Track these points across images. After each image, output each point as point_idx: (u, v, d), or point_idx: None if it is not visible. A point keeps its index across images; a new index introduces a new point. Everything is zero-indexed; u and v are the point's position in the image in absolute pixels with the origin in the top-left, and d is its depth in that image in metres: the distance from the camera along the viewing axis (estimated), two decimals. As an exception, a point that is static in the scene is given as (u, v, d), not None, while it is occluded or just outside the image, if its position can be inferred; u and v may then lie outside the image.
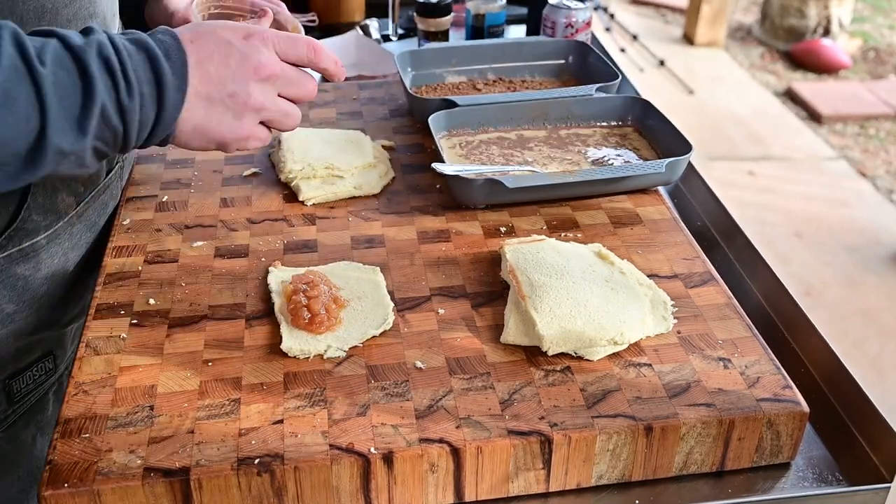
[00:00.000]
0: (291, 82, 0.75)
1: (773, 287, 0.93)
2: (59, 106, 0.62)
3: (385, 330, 0.79)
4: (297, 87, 0.76)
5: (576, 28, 1.38)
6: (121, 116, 0.66)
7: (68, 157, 0.64)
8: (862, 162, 3.64)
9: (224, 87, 0.71)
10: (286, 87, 0.75)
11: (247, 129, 0.74)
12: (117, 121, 0.66)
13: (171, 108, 0.69)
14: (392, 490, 0.68)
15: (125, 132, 0.67)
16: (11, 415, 0.88)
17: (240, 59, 0.71)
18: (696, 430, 0.70)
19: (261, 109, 0.74)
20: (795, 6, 4.67)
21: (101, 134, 0.66)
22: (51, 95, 0.61)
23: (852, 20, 4.86)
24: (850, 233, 3.15)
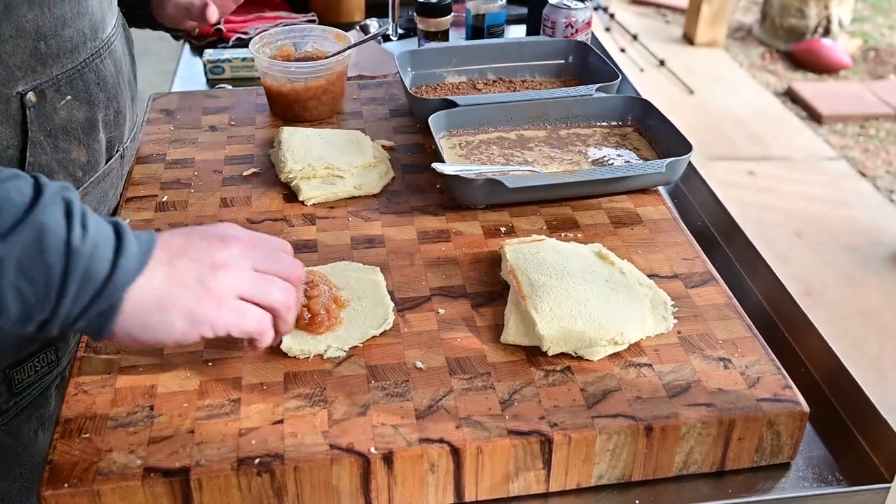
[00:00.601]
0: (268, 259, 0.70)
1: (773, 287, 0.93)
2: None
3: (385, 330, 0.79)
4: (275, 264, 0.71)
5: (576, 28, 1.38)
6: (66, 256, 0.59)
7: None
8: (862, 162, 3.64)
9: (195, 254, 0.67)
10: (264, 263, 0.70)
11: (222, 298, 0.67)
12: (58, 258, 0.59)
13: (126, 270, 0.62)
14: (392, 490, 0.68)
15: (64, 279, 0.59)
16: (13, 407, 0.88)
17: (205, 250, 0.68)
18: (696, 430, 0.70)
19: (237, 282, 0.68)
20: (795, 6, 4.67)
21: (30, 268, 0.58)
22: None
23: (852, 20, 4.86)
24: (850, 233, 3.15)
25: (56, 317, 0.61)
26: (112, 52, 0.93)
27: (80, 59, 0.86)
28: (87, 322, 0.62)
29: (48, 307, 0.60)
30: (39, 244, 0.58)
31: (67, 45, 0.84)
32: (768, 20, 4.83)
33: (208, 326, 0.66)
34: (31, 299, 0.59)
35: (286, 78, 1.18)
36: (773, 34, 4.80)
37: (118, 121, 0.96)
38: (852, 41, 4.76)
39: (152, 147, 1.12)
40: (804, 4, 4.64)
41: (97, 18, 0.89)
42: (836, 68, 4.42)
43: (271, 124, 1.20)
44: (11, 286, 0.58)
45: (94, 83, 0.89)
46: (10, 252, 0.57)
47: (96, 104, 0.90)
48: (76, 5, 0.84)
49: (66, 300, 0.60)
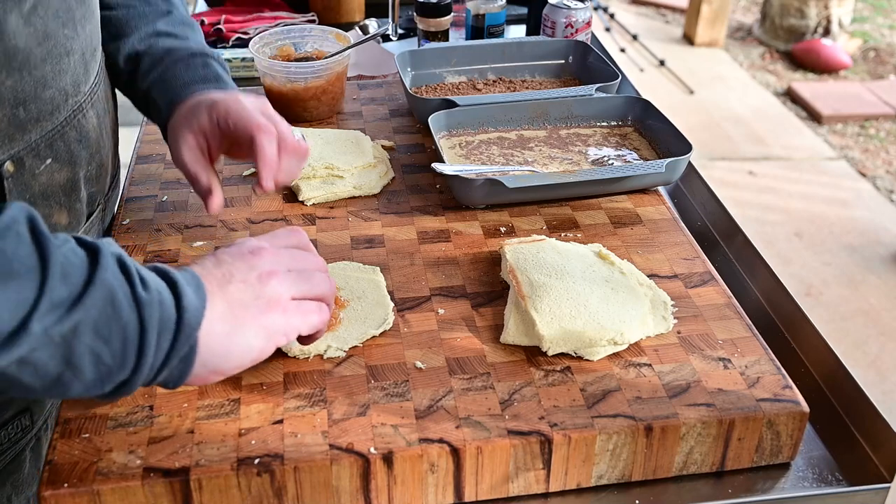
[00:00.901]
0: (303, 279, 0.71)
1: (773, 287, 0.93)
2: (60, 281, 0.55)
3: (385, 330, 0.79)
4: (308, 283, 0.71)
5: (576, 28, 1.38)
6: (138, 310, 0.59)
7: (51, 343, 0.55)
8: (862, 162, 3.64)
9: (239, 275, 0.67)
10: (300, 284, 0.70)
11: (283, 304, 0.68)
12: (131, 313, 0.58)
13: (193, 309, 0.62)
14: (392, 490, 0.68)
15: (141, 333, 0.59)
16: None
17: (247, 267, 0.68)
18: (696, 430, 0.70)
19: (286, 285, 0.69)
20: (795, 6, 4.67)
21: (106, 329, 0.58)
22: (56, 268, 0.55)
23: (852, 20, 4.86)
24: (850, 233, 3.15)
25: (138, 374, 0.60)
26: (94, 104, 0.86)
27: (62, 118, 0.79)
28: (168, 371, 0.62)
29: (128, 366, 0.59)
30: (112, 303, 0.58)
31: (48, 106, 0.77)
32: (768, 20, 4.83)
33: (282, 334, 0.68)
34: (109, 361, 0.58)
35: (286, 78, 1.18)
36: (773, 34, 4.80)
37: (100, 174, 0.89)
38: (852, 41, 4.76)
39: (152, 147, 1.12)
40: (804, 4, 4.64)
41: (80, 72, 0.81)
42: (836, 68, 4.43)
43: (271, 124, 1.20)
44: (89, 351, 0.57)
45: (75, 141, 0.82)
46: (87, 315, 0.56)
47: (78, 163, 0.83)
48: (58, 63, 0.77)
49: (147, 354, 0.60)
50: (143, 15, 0.95)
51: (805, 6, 4.64)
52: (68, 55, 0.78)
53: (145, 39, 0.94)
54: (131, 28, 0.94)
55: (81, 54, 0.81)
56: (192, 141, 0.85)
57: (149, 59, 0.93)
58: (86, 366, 0.58)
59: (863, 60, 4.61)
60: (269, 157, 0.82)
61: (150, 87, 0.92)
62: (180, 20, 0.97)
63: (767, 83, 4.39)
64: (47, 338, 0.55)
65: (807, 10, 4.64)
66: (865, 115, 3.98)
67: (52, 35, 0.75)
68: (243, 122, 0.82)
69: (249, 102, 0.84)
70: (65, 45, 0.78)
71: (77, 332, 0.56)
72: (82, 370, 0.58)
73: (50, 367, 0.57)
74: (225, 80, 0.93)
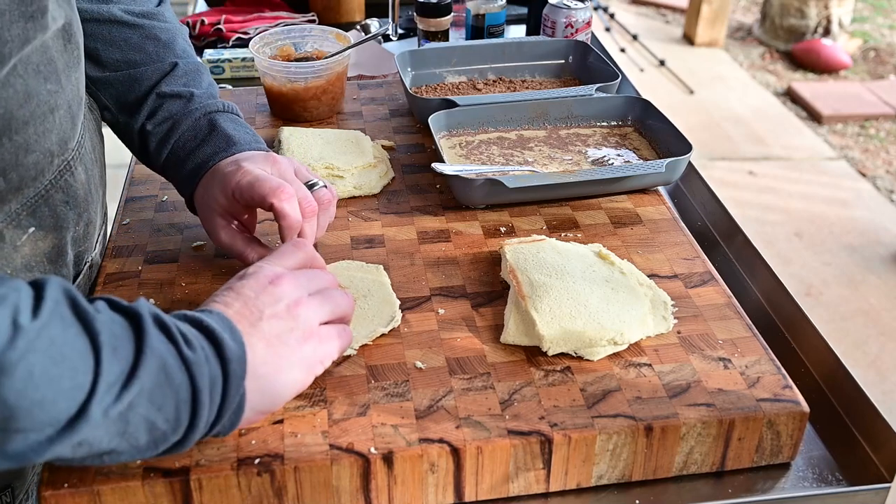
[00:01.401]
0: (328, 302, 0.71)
1: (773, 287, 0.93)
2: (112, 358, 0.54)
3: (394, 327, 0.79)
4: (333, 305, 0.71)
5: (576, 28, 1.38)
6: (188, 372, 0.58)
7: (109, 422, 0.55)
8: (862, 162, 3.64)
9: (268, 309, 0.66)
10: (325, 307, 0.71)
11: (316, 332, 0.68)
12: (182, 377, 0.58)
13: (235, 358, 0.62)
14: (392, 490, 0.68)
15: (194, 395, 0.58)
16: None
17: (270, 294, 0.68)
18: (696, 430, 0.70)
19: (314, 311, 0.69)
20: (795, 6, 4.67)
21: (159, 397, 0.57)
22: (107, 346, 0.54)
23: (852, 20, 4.86)
24: (850, 233, 3.15)
25: (193, 433, 0.60)
26: (82, 157, 0.80)
27: (45, 182, 0.73)
28: (221, 425, 0.63)
29: (182, 427, 0.59)
30: (164, 370, 0.57)
31: (31, 172, 0.70)
32: (768, 20, 4.83)
33: (319, 364, 0.69)
34: (163, 426, 0.58)
35: (286, 78, 1.18)
36: (773, 34, 4.80)
37: (88, 232, 0.83)
38: (852, 41, 4.76)
39: (152, 147, 1.12)
40: (804, 4, 4.64)
41: (66, 127, 0.74)
42: (836, 68, 4.43)
43: (271, 124, 1.20)
44: (143, 420, 0.57)
45: (61, 203, 0.75)
46: (143, 387, 0.56)
47: (64, 226, 0.77)
48: (42, 122, 0.70)
49: (202, 414, 0.59)
50: (146, 76, 0.89)
51: (805, 6, 4.64)
52: (53, 112, 0.72)
53: (152, 114, 0.88)
54: (135, 94, 0.89)
55: (68, 108, 0.74)
56: (221, 222, 0.83)
57: (156, 136, 0.88)
58: (140, 435, 0.57)
59: (863, 60, 4.61)
60: (291, 221, 0.78)
61: (164, 166, 0.89)
62: (185, 70, 0.91)
63: (767, 83, 4.39)
64: (105, 418, 0.54)
65: (807, 10, 4.64)
66: (865, 115, 3.98)
67: (35, 94, 0.68)
68: (257, 193, 0.78)
69: (257, 167, 0.81)
70: (49, 103, 0.71)
71: (133, 406, 0.56)
72: (136, 439, 0.58)
73: (104, 442, 0.56)
74: (235, 138, 0.86)
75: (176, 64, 0.90)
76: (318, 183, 0.84)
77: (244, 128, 0.90)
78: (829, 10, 4.64)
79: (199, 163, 0.85)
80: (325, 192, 0.84)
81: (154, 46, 0.90)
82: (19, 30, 0.65)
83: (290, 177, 0.82)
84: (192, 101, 0.89)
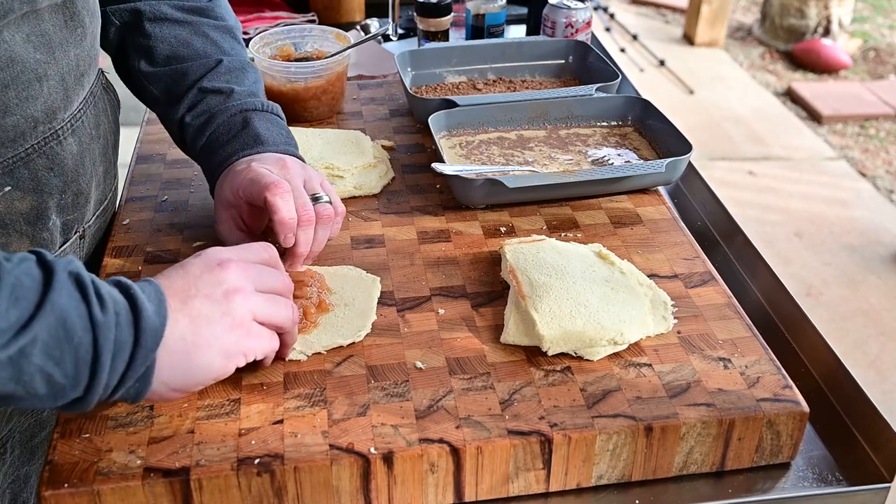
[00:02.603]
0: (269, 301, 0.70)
1: (773, 287, 0.93)
2: (10, 306, 0.55)
3: (354, 342, 0.78)
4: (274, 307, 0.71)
5: (576, 28, 1.38)
6: (92, 332, 0.59)
7: (3, 369, 0.56)
8: (862, 162, 3.64)
9: (204, 289, 0.67)
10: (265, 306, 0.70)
11: (246, 325, 0.68)
12: (85, 335, 0.58)
13: (151, 328, 0.62)
14: (392, 490, 0.68)
15: (95, 356, 0.59)
16: None
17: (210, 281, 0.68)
18: (696, 430, 0.70)
19: (249, 304, 0.68)
20: (795, 6, 4.67)
21: (56, 351, 0.57)
22: (5, 294, 0.55)
23: (852, 20, 4.86)
24: (850, 233, 3.15)
25: (92, 392, 0.60)
26: (77, 130, 0.82)
27: (27, 146, 0.76)
28: (125, 390, 0.63)
29: (81, 385, 0.60)
30: (63, 326, 0.57)
31: (9, 133, 0.73)
32: (768, 20, 4.83)
33: (241, 356, 0.68)
34: (62, 381, 0.59)
35: (286, 78, 1.18)
36: (773, 34, 4.80)
37: (78, 202, 0.84)
38: (852, 41, 4.76)
39: (152, 147, 1.12)
40: (804, 4, 4.64)
41: (56, 98, 0.77)
42: (836, 68, 4.43)
43: (271, 124, 1.20)
44: (39, 371, 0.57)
45: (44, 169, 0.78)
46: (35, 338, 0.56)
47: (46, 191, 0.79)
48: (24, 89, 0.73)
49: (101, 375, 0.60)
50: (192, 71, 0.91)
51: (805, 6, 4.64)
52: (40, 81, 0.74)
53: (192, 107, 0.90)
54: (180, 88, 0.91)
55: (60, 80, 0.77)
56: (225, 215, 0.86)
57: (193, 129, 0.90)
58: (37, 384, 0.58)
59: (863, 60, 4.61)
60: (283, 216, 0.79)
61: (199, 157, 0.91)
62: (229, 67, 0.92)
63: (767, 83, 4.39)
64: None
65: (807, 10, 4.64)
66: (865, 115, 3.98)
67: (20, 60, 0.72)
68: (257, 188, 0.80)
69: (263, 167, 0.82)
70: (35, 71, 0.74)
71: (25, 354, 0.56)
72: (34, 388, 0.58)
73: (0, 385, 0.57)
74: (263, 137, 0.88)
75: (220, 61, 0.92)
76: (322, 197, 0.84)
77: (279, 128, 0.91)
78: (829, 10, 4.64)
79: (224, 157, 0.88)
80: (326, 207, 0.84)
81: (202, 43, 0.92)
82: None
83: (296, 182, 0.83)
84: (230, 98, 0.91)
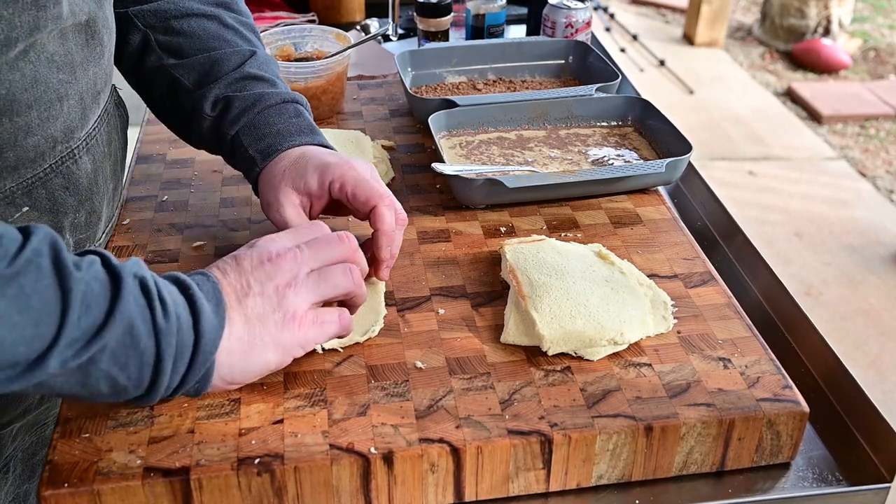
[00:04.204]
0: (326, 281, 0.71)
1: (773, 287, 0.93)
2: (81, 314, 0.56)
3: (370, 337, 0.78)
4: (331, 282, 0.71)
5: (576, 28, 1.38)
6: (155, 338, 0.60)
7: (68, 373, 0.57)
8: (862, 162, 3.64)
9: (257, 286, 0.68)
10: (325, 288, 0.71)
11: (299, 318, 0.69)
12: (149, 342, 0.60)
13: (210, 331, 0.64)
14: (392, 490, 0.68)
15: (157, 361, 0.61)
16: None
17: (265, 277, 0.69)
18: (696, 430, 0.70)
19: (304, 295, 0.69)
20: (795, 6, 4.67)
21: (122, 357, 0.59)
22: (77, 303, 0.56)
23: (852, 20, 4.86)
24: (850, 233, 3.15)
25: (154, 393, 0.63)
26: (91, 148, 0.82)
27: (45, 166, 0.75)
28: (185, 389, 0.65)
29: (143, 386, 0.62)
30: (130, 333, 0.59)
31: (29, 154, 0.73)
32: (768, 20, 4.83)
33: (299, 348, 0.70)
34: (125, 383, 0.61)
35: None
36: (773, 34, 4.80)
37: (91, 221, 0.84)
38: (852, 41, 4.76)
39: (152, 147, 1.12)
40: (804, 4, 4.64)
41: (74, 117, 0.77)
42: (836, 68, 4.43)
43: (271, 124, 1.20)
44: (104, 375, 0.59)
45: (60, 188, 0.78)
46: (105, 346, 0.58)
47: (62, 211, 0.78)
48: (47, 109, 0.73)
49: (163, 378, 0.62)
50: (229, 57, 0.89)
51: (805, 6, 4.64)
52: (61, 101, 0.74)
53: (234, 84, 0.88)
54: (217, 73, 0.88)
55: (79, 99, 0.77)
56: (296, 200, 0.83)
57: (239, 104, 0.87)
58: (101, 387, 0.60)
59: (863, 60, 4.61)
60: (389, 227, 0.81)
61: (239, 133, 0.87)
62: (264, 59, 0.92)
63: (767, 83, 4.39)
64: (64, 369, 0.57)
65: (807, 10, 4.64)
66: (865, 115, 3.98)
67: (43, 81, 0.71)
68: (365, 193, 0.80)
69: (361, 168, 0.82)
70: (58, 91, 0.73)
71: (94, 361, 0.58)
72: (98, 390, 0.60)
73: (65, 388, 0.59)
74: (317, 131, 0.89)
75: (255, 52, 0.91)
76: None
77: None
78: (829, 10, 4.64)
79: (283, 139, 0.85)
80: (402, 208, 0.86)
81: (232, 35, 0.92)
82: (30, 17, 0.67)
83: (384, 189, 0.83)
84: (276, 86, 0.90)
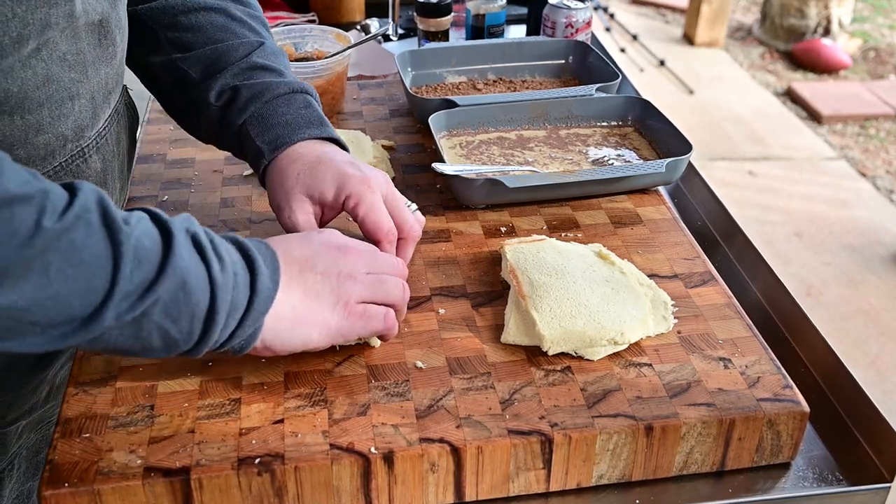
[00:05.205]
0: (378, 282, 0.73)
1: (773, 287, 0.93)
2: (134, 269, 0.56)
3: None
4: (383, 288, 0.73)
5: (576, 28, 1.38)
6: (210, 292, 0.61)
7: (122, 325, 0.58)
8: (862, 162, 3.64)
9: (321, 265, 0.70)
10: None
11: (350, 306, 0.71)
12: (203, 296, 0.60)
13: (265, 292, 0.65)
14: (392, 490, 0.68)
15: (210, 314, 0.61)
16: None
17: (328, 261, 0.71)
18: (697, 429, 0.70)
19: (359, 289, 0.71)
20: (795, 6, 4.67)
21: (175, 310, 0.60)
22: (128, 257, 0.56)
23: (852, 20, 4.86)
24: (850, 233, 3.15)
25: (203, 346, 0.64)
26: (101, 147, 0.82)
27: (55, 164, 0.76)
28: (231, 346, 0.66)
29: (193, 340, 0.63)
30: (184, 287, 0.59)
31: (40, 151, 0.73)
32: (768, 20, 4.83)
33: (340, 336, 0.72)
34: (176, 336, 0.61)
35: None
36: (773, 34, 4.80)
37: None
38: (852, 41, 4.76)
39: (152, 147, 1.12)
40: (804, 4, 4.64)
41: (85, 116, 0.77)
42: (836, 68, 4.43)
43: (271, 124, 1.20)
44: (157, 328, 0.60)
45: None
46: (158, 299, 0.58)
47: None
48: (59, 107, 0.73)
49: (213, 333, 0.63)
50: (236, 48, 0.88)
51: (805, 6, 4.64)
52: (72, 100, 0.74)
53: (241, 74, 0.87)
54: (224, 63, 0.87)
55: (90, 98, 0.77)
56: (310, 209, 0.81)
57: (246, 93, 0.85)
58: (153, 340, 0.61)
59: (863, 60, 4.61)
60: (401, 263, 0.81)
61: (246, 123, 0.85)
62: (272, 50, 0.91)
63: (767, 83, 4.39)
64: (119, 322, 0.57)
65: (807, 10, 4.64)
66: (865, 115, 3.98)
67: (55, 79, 0.71)
68: (373, 223, 0.79)
69: (377, 186, 0.80)
70: (69, 90, 0.73)
71: (147, 314, 0.59)
72: (150, 343, 0.61)
73: (119, 342, 0.60)
74: (327, 123, 0.87)
75: (263, 43, 0.91)
76: (412, 205, 0.87)
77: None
78: (829, 10, 4.64)
79: (292, 131, 0.84)
80: (419, 216, 0.86)
81: (239, 27, 0.91)
82: (42, 14, 0.67)
83: (391, 191, 0.82)
84: (284, 76, 0.89)
